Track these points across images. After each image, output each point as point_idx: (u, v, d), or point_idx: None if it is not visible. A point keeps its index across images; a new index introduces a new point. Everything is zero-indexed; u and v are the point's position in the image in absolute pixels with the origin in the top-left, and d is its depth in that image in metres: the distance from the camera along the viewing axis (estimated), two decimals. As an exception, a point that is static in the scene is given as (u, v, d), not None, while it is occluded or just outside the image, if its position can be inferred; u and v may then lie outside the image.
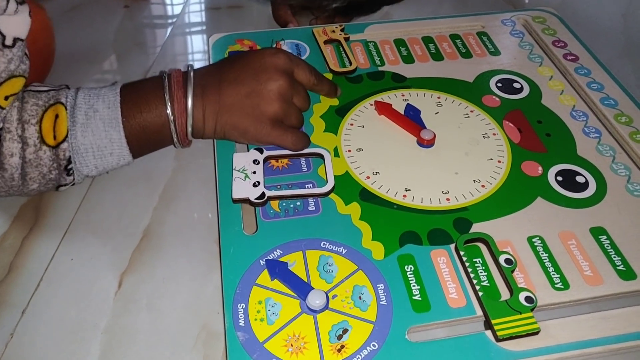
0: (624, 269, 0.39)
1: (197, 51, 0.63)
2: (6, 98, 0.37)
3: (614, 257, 0.40)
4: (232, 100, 0.44)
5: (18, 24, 0.37)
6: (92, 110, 0.41)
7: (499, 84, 0.54)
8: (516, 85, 0.54)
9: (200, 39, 0.65)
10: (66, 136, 0.40)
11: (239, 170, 0.44)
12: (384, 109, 0.50)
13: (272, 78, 0.44)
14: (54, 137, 0.39)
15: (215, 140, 0.48)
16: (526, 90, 0.54)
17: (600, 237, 0.41)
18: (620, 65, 0.58)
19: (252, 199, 0.42)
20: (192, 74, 0.44)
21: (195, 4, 0.70)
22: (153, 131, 0.42)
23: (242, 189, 0.43)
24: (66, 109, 0.40)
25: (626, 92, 0.53)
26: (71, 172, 0.41)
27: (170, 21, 0.67)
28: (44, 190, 0.42)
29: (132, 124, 0.42)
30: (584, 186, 0.45)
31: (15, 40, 0.37)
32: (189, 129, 0.43)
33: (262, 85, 0.44)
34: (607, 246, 0.41)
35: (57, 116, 0.39)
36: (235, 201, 0.43)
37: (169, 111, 0.42)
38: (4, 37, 0.36)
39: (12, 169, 0.39)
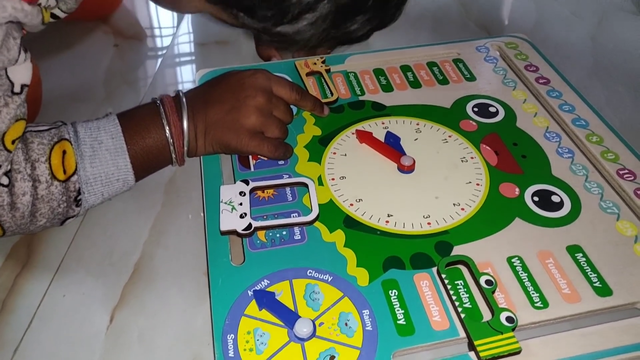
0: (600, 285, 0.41)
1: (186, 86, 0.65)
2: (12, 142, 0.39)
3: (590, 274, 0.41)
4: (216, 117, 0.48)
5: (24, 71, 0.39)
6: (97, 143, 0.44)
7: (476, 109, 0.56)
8: (492, 109, 0.56)
9: (188, 74, 0.67)
10: (75, 169, 0.42)
11: (226, 203, 0.45)
12: (364, 137, 0.52)
13: (249, 95, 0.49)
14: (64, 172, 0.41)
15: (203, 173, 0.50)
16: (502, 114, 0.56)
17: (576, 254, 0.43)
18: (590, 86, 0.61)
19: (239, 230, 0.43)
20: (184, 99, 0.48)
21: (185, 42, 0.72)
22: (154, 154, 0.46)
23: (230, 221, 0.44)
24: (71, 144, 0.42)
25: (596, 113, 0.55)
26: (80, 202, 0.43)
27: (159, 58, 0.69)
28: (49, 226, 0.43)
29: (136, 149, 0.45)
30: (560, 205, 0.47)
31: (22, 86, 0.39)
32: (185, 148, 0.47)
33: (240, 101, 0.48)
34: (584, 263, 0.42)
35: (64, 152, 0.42)
36: (223, 233, 0.44)
37: (167, 134, 0.46)
38: (13, 84, 0.39)
39: (23, 207, 0.40)
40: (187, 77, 0.65)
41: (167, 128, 0.46)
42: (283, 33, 0.36)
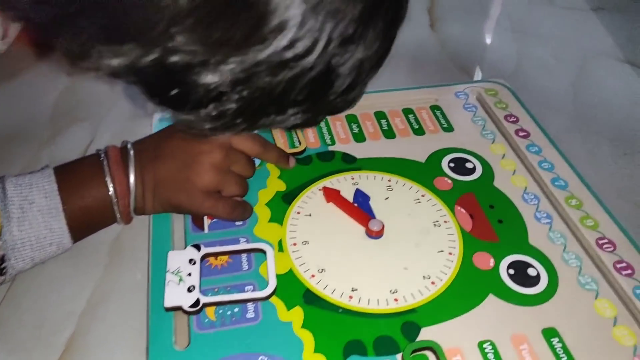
0: (576, 377, 0.37)
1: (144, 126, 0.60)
2: None
3: (567, 364, 0.38)
4: (166, 175, 0.44)
5: None
6: (27, 203, 0.39)
7: (452, 164, 0.53)
8: (469, 165, 0.53)
9: (145, 113, 0.62)
10: (0, 233, 0.37)
11: (173, 273, 0.41)
12: (332, 196, 0.48)
13: (204, 150, 0.44)
14: None
15: (151, 234, 0.45)
16: (479, 171, 0.52)
17: (552, 339, 0.40)
18: (570, 139, 0.58)
19: (186, 307, 0.39)
20: (132, 152, 0.43)
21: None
22: (95, 214, 0.42)
23: (175, 295, 0.40)
24: None
25: (575, 172, 0.52)
26: (4, 270, 0.38)
27: (117, 90, 0.64)
28: None
29: (73, 209, 0.41)
30: (536, 280, 0.43)
31: None
32: (131, 207, 0.43)
33: (193, 158, 0.44)
34: (559, 350, 0.39)
35: None
36: (168, 309, 0.40)
37: (111, 193, 0.42)
38: None
39: None
40: (146, 119, 0.60)
41: (110, 186, 0.42)
42: (184, 120, 0.31)
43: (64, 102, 0.62)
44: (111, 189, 0.42)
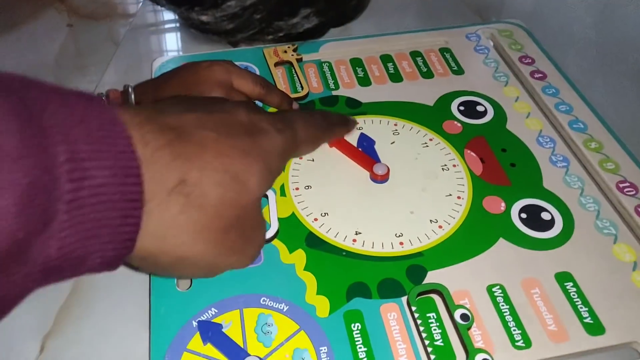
0: (591, 321, 0.36)
1: (145, 74, 0.59)
2: None
3: (581, 307, 0.36)
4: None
5: None
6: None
7: (462, 107, 0.50)
8: (480, 108, 0.50)
9: (149, 61, 0.61)
10: None
11: (172, 217, 0.40)
12: (334, 140, 0.46)
13: (205, 91, 0.43)
14: None
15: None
16: (490, 114, 0.50)
17: (566, 284, 0.38)
18: (591, 82, 0.55)
19: (185, 250, 0.38)
20: (132, 95, 0.42)
21: (148, 25, 0.65)
22: None
23: (175, 238, 0.39)
24: None
25: (596, 114, 0.49)
26: None
27: (118, 40, 0.62)
28: None
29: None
30: (550, 224, 0.41)
31: None
32: None
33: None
34: (574, 294, 0.37)
35: None
36: (167, 253, 0.39)
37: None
38: None
39: None
40: (146, 65, 0.58)
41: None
42: (203, 21, 0.29)
43: (66, 52, 0.60)
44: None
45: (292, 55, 0.54)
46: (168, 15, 0.66)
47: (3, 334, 0.37)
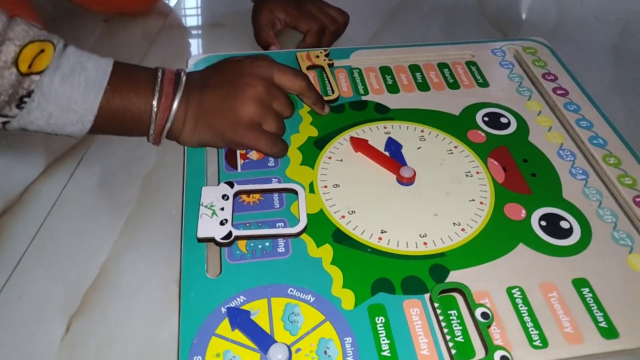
0: (605, 326, 0.37)
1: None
2: None
3: (596, 312, 0.38)
4: (212, 104, 0.44)
5: None
6: (79, 67, 0.40)
7: (486, 118, 0.52)
8: (503, 120, 0.52)
9: (181, 59, 0.63)
10: (42, 72, 0.38)
11: (206, 206, 0.42)
12: (360, 145, 0.48)
13: (248, 83, 0.45)
14: (29, 66, 0.37)
15: (185, 170, 0.46)
16: (513, 126, 0.52)
17: (582, 289, 0.39)
18: (609, 100, 0.57)
19: (218, 238, 0.40)
20: (184, 77, 0.44)
21: (178, 26, 0.68)
22: (128, 114, 0.42)
23: (208, 227, 0.40)
24: (55, 50, 0.38)
25: (615, 131, 0.51)
26: (22, 106, 0.38)
27: (150, 39, 0.64)
28: None
29: (113, 96, 0.41)
30: (568, 232, 0.43)
31: None
32: (168, 125, 0.43)
33: (239, 89, 0.45)
34: (590, 300, 0.39)
35: (42, 50, 0.37)
36: (201, 240, 0.40)
37: (154, 102, 0.42)
38: None
39: None
40: (178, 63, 0.61)
41: (156, 95, 0.42)
42: None
43: (101, 46, 0.63)
44: (155, 101, 0.42)
45: (324, 60, 0.56)
46: (201, 16, 0.69)
47: (30, 313, 0.39)
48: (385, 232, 0.42)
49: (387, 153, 0.48)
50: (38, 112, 0.39)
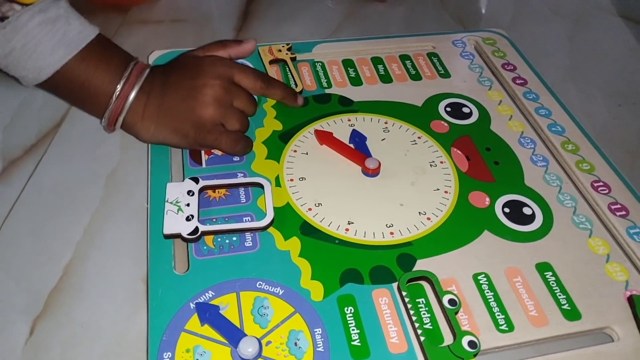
0: (568, 308, 0.38)
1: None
2: None
3: (559, 295, 0.39)
4: (172, 104, 0.44)
5: None
6: (64, 19, 0.40)
7: (448, 109, 0.53)
8: (465, 109, 0.53)
9: (141, 54, 0.61)
10: (27, 5, 0.38)
11: (171, 203, 0.41)
12: (324, 138, 0.48)
13: (207, 84, 0.44)
14: None
15: (149, 166, 0.45)
16: (475, 115, 0.53)
17: (545, 273, 0.40)
18: (565, 89, 0.58)
19: (185, 234, 0.39)
20: (147, 71, 0.44)
21: (139, 22, 0.66)
22: (87, 87, 0.42)
23: (174, 223, 0.40)
24: None
25: (572, 118, 0.52)
26: None
27: (111, 35, 0.63)
28: None
29: (81, 63, 0.41)
30: (531, 218, 0.44)
31: None
32: (122, 115, 0.44)
33: (197, 90, 0.44)
34: (553, 283, 0.40)
35: None
36: (167, 236, 0.40)
37: (119, 87, 0.42)
38: None
39: None
40: (140, 58, 0.59)
41: (122, 81, 0.43)
42: None
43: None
44: (119, 87, 0.42)
45: (287, 54, 0.56)
46: (160, 11, 0.67)
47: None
48: (352, 223, 0.42)
49: (352, 145, 0.48)
50: (2, 42, 0.39)
